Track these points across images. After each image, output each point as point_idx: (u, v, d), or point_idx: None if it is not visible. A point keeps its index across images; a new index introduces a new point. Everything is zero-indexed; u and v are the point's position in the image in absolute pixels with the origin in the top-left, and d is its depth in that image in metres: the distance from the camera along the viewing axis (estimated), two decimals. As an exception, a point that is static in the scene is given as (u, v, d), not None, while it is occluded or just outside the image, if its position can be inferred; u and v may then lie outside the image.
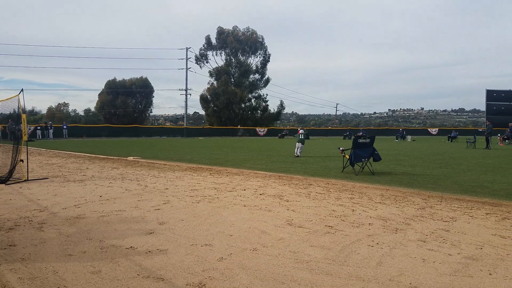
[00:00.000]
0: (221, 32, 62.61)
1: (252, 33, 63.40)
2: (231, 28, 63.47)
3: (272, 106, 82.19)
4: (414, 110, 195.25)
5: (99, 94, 69.41)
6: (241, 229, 4.55)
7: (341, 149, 10.95)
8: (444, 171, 10.69)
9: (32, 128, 34.02)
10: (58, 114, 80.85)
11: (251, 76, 64.77)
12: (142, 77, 70.96)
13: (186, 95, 55.73)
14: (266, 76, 65.51)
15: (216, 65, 63.31)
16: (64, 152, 17.87)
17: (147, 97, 71.71)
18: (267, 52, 64.61)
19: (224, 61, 63.56)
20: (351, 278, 3.09)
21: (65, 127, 38.56)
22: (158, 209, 5.61)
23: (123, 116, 66.10)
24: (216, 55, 64.14)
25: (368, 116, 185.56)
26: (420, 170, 10.79)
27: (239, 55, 62.82)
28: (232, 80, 62.73)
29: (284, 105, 66.28)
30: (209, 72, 63.00)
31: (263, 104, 64.63)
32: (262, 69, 65.00)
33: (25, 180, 8.41)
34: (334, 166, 11.83)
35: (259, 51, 64.02)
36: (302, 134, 16.55)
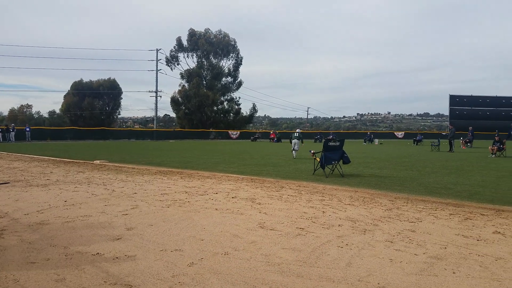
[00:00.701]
0: (192, 34, 62.10)
1: (225, 36, 63.30)
2: (203, 30, 63.13)
3: (245, 109, 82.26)
4: (381, 114, 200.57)
5: (65, 95, 67.27)
6: (212, 233, 4.51)
7: (312, 152, 11.10)
8: (410, 173, 11.03)
9: (-7, 130, 32.52)
10: (21, 116, 77.60)
11: (224, 79, 64.59)
12: (110, 78, 69.27)
13: (156, 97, 54.81)
14: (239, 79, 65.55)
15: (188, 67, 62.73)
16: (27, 155, 17.15)
17: (115, 99, 70.07)
18: (239, 55, 64.67)
19: (195, 63, 63.06)
20: (322, 280, 3.12)
21: (28, 129, 37.04)
22: (126, 214, 5.48)
23: (89, 119, 64.27)
24: (187, 57, 63.54)
25: (338, 120, 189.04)
26: (387, 172, 11.08)
27: (211, 58, 62.52)
28: (204, 82, 62.30)
29: (256, 108, 66.57)
30: (180, 74, 62.32)
31: (236, 107, 64.59)
32: (234, 72, 64.97)
33: (-16, 185, 8.00)
34: (306, 168, 11.96)
35: (231, 54, 63.97)
36: (298, 132, 18.03)
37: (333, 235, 4.43)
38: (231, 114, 63.95)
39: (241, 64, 65.14)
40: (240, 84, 65.43)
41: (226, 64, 64.37)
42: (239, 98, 65.73)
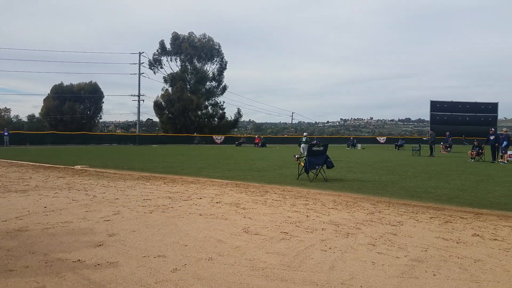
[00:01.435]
0: (176, 37, 61.80)
1: (209, 40, 63.23)
2: (186, 34, 62.90)
3: (229, 113, 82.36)
4: (364, 119, 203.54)
5: (45, 99, 66.17)
6: (196, 238, 4.48)
7: (296, 156, 11.17)
8: (392, 177, 11.20)
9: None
10: (-1, 120, 75.77)
11: (208, 83, 64.45)
12: (91, 82, 68.46)
13: (139, 101, 54.20)
14: (223, 84, 65.53)
15: (171, 71, 62.41)
16: (5, 160, 16.70)
17: (96, 102, 69.16)
18: (224, 60, 64.71)
19: (179, 67, 62.75)
20: (305, 283, 3.14)
21: (6, 134, 36.13)
22: (108, 220, 5.39)
23: (70, 123, 63.21)
24: (170, 60, 63.22)
25: (321, 125, 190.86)
26: (369, 177, 11.23)
27: (195, 62, 62.29)
28: (188, 86, 62.01)
29: (241, 113, 66.67)
30: (164, 78, 61.95)
31: (220, 111, 64.50)
32: (219, 76, 64.90)
33: (-41, 191, 7.76)
34: (290, 173, 12.02)
35: (215, 58, 63.92)
36: (306, 137, 19.27)
37: (317, 239, 4.46)
38: (216, 119, 63.81)
39: (226, 68, 65.26)
40: (224, 88, 65.45)
41: (211, 68, 64.37)
42: (224, 102, 65.68)
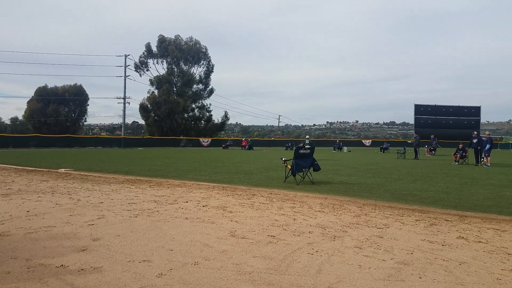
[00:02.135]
0: (162, 40, 61.48)
1: (196, 43, 63.06)
2: (173, 36, 62.63)
3: (216, 116, 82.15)
4: (350, 122, 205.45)
5: (28, 101, 65.05)
6: (182, 242, 4.43)
7: (283, 159, 11.18)
8: (377, 180, 11.30)
9: None
10: (-19, 123, 74.12)
11: (195, 86, 64.24)
12: (76, 84, 67.58)
13: (124, 104, 53.57)
14: (210, 87, 65.43)
15: (157, 74, 62.00)
16: (-15, 164, 16.31)
17: (81, 105, 68.32)
18: (210, 63, 64.61)
19: (165, 69, 62.40)
20: (292, 287, 3.12)
21: (-12, 136, 35.36)
22: (92, 224, 5.30)
23: (54, 125, 62.28)
24: (157, 63, 62.82)
25: (308, 128, 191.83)
26: (355, 179, 11.31)
27: (181, 64, 62.04)
28: (175, 89, 61.69)
29: (228, 115, 66.71)
30: (150, 80, 61.49)
31: (207, 114, 64.32)
32: (205, 79, 64.75)
33: None
34: (277, 176, 12.02)
35: (202, 61, 63.78)
36: (308, 139, 20.29)
37: (304, 242, 4.46)
38: (202, 122, 63.60)
39: (213, 71, 65.19)
40: (211, 91, 65.36)
41: (197, 71, 64.19)
42: (210, 105, 65.61)
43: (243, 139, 50.10)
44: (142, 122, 68.94)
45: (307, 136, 21.11)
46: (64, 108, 66.35)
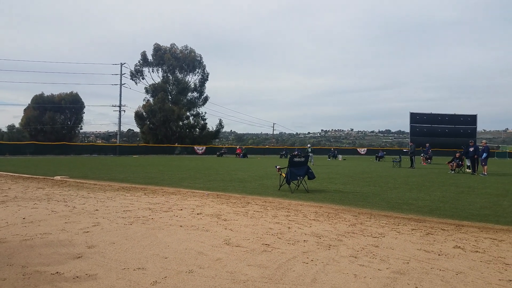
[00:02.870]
0: (158, 48, 61.73)
1: (191, 51, 63.36)
2: (168, 45, 62.93)
3: (211, 124, 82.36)
4: (345, 130, 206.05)
5: (25, 109, 65.27)
6: (177, 250, 4.41)
7: (278, 167, 11.18)
8: (373, 188, 11.32)
9: None
10: (-23, 130, 73.70)
11: (189, 94, 64.44)
12: (72, 92, 67.71)
13: (120, 112, 53.64)
14: (205, 95, 65.66)
15: (153, 82, 62.13)
16: (-21, 170, 16.18)
17: (77, 113, 68.38)
18: (205, 71, 64.92)
19: (161, 78, 62.61)
20: (287, 296, 3.11)
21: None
22: (87, 231, 5.27)
23: (50, 133, 62.16)
24: (152, 71, 63.08)
25: (303, 136, 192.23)
26: (350, 188, 11.32)
27: (176, 73, 62.25)
28: (170, 97, 61.79)
29: (223, 123, 66.88)
30: (145, 88, 61.66)
31: (202, 122, 64.39)
32: (200, 87, 64.98)
33: None
34: (272, 184, 12.01)
35: (197, 70, 64.08)
36: (310, 147, 21.10)
37: (299, 251, 4.45)
38: (197, 129, 63.64)
39: (207, 79, 65.52)
40: (206, 99, 65.55)
41: (192, 79, 64.42)
42: (205, 113, 65.81)
43: (238, 147, 50.06)
44: (137, 130, 68.88)
45: (308, 145, 22.28)
46: (60, 116, 66.33)
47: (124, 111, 54.82)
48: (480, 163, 18.75)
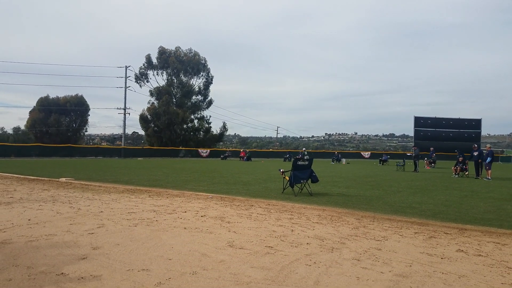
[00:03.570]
0: (162, 52, 61.95)
1: (195, 54, 63.50)
2: (173, 48, 63.12)
3: (215, 127, 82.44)
4: (349, 134, 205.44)
5: (30, 111, 65.69)
6: (181, 252, 4.45)
7: (281, 170, 11.21)
8: (376, 192, 11.32)
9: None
10: (-16, 132, 74.39)
11: (194, 97, 64.53)
12: (77, 94, 68.19)
13: (125, 114, 53.78)
14: (209, 98, 65.70)
15: (157, 85, 62.32)
16: (-15, 172, 16.32)
17: (82, 115, 68.74)
18: (210, 74, 64.98)
19: (165, 81, 62.74)
20: (290, 298, 3.14)
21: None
22: (92, 233, 5.32)
23: (55, 135, 62.55)
24: (157, 74, 63.20)
25: (306, 140, 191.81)
26: (354, 191, 11.32)
27: (181, 76, 62.41)
28: (174, 100, 61.96)
29: (227, 126, 66.81)
30: (150, 91, 61.82)
31: (206, 125, 64.42)
32: (205, 90, 65.07)
33: None
34: (275, 187, 12.04)
35: (201, 73, 64.16)
36: (305, 150, 21.98)
37: (302, 254, 4.47)
38: (201, 132, 63.70)
39: (212, 83, 65.53)
40: (210, 102, 65.62)
41: (197, 82, 64.53)
42: (210, 116, 65.72)
43: (242, 150, 50.06)
44: (142, 132, 69.14)
45: (303, 148, 21.33)
46: (66, 118, 66.70)
47: (129, 113, 55.30)
48: (484, 167, 18.69)
